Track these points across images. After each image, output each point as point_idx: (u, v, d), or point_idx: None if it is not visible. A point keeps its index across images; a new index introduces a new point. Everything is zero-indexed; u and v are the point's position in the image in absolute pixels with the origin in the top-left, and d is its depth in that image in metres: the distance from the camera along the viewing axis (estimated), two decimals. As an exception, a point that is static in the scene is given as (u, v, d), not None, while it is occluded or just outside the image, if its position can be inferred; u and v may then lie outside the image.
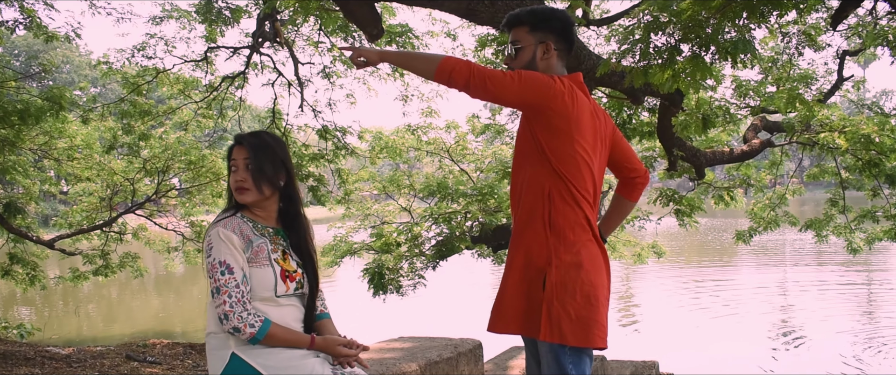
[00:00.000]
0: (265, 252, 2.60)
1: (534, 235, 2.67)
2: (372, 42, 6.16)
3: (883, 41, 9.16)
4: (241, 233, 2.58)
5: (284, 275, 2.61)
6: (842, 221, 11.24)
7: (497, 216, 9.58)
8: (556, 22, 2.83)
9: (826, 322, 14.14)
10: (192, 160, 12.44)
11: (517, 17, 2.85)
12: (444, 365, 3.12)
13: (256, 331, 2.50)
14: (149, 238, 13.54)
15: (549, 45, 2.80)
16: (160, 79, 11.69)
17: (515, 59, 2.84)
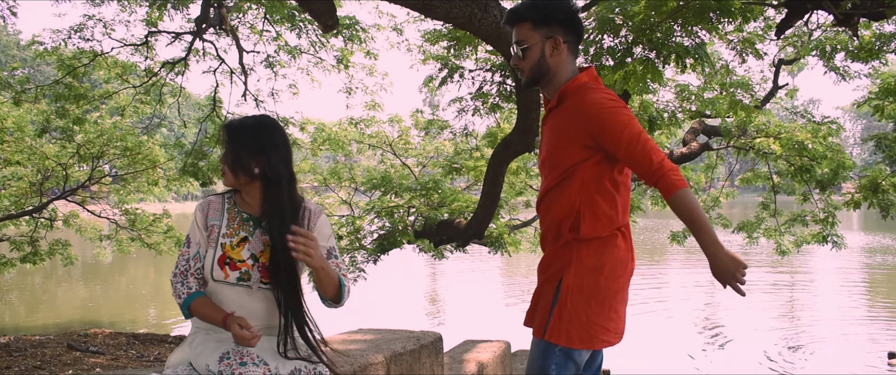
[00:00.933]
0: (216, 233, 2.59)
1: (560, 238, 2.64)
2: (326, 32, 6.10)
3: (818, 52, 9.51)
4: (207, 211, 2.63)
5: (223, 261, 2.55)
6: (772, 224, 11.61)
7: (440, 211, 9.60)
8: (560, 12, 2.61)
9: (751, 322, 14.56)
10: (128, 146, 12.16)
11: (518, 13, 2.64)
12: (408, 357, 3.14)
13: (182, 303, 2.60)
14: (80, 225, 13.19)
15: (557, 39, 2.59)
16: (97, 63, 11.36)
17: (523, 60, 2.64)
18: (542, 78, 2.64)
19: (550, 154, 2.67)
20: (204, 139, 12.33)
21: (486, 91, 8.48)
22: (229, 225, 2.60)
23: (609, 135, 2.48)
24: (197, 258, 2.62)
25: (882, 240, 28.99)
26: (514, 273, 22.90)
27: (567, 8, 2.62)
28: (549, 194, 2.67)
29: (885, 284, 20.16)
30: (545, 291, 2.65)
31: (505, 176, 8.51)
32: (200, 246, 2.62)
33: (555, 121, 2.64)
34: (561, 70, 2.62)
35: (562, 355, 2.55)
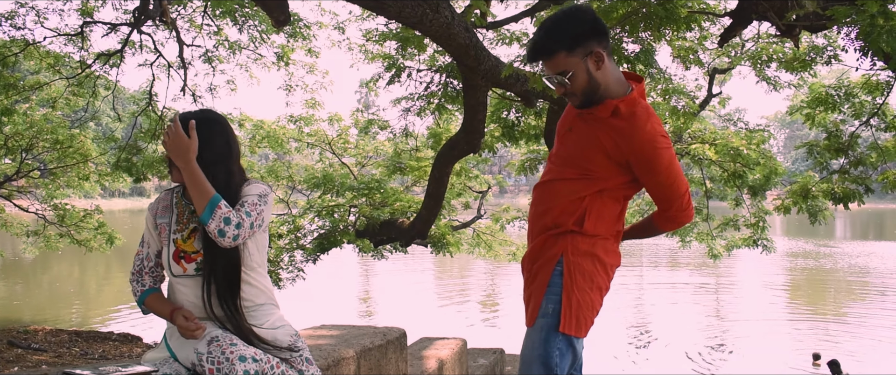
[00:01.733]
0: (166, 231, 2.61)
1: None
2: (279, 28, 6.06)
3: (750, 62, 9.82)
4: (156, 211, 2.65)
5: (178, 256, 2.56)
6: (704, 229, 11.92)
7: (383, 210, 9.60)
8: (586, 25, 2.52)
9: (676, 322, 14.95)
10: (59, 139, 11.82)
11: (546, 48, 2.55)
12: (376, 352, 3.17)
13: (137, 299, 2.66)
14: (5, 220, 12.76)
15: (597, 52, 2.50)
16: (28, 53, 11.01)
17: (572, 86, 2.55)
18: (595, 94, 2.55)
19: (576, 154, 2.62)
20: (138, 134, 12.05)
21: (432, 91, 8.52)
22: (178, 220, 2.60)
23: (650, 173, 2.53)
24: (149, 257, 2.67)
25: (804, 245, 30.08)
26: (447, 273, 23.03)
27: (591, 19, 2.54)
28: (558, 183, 2.64)
29: (807, 287, 20.91)
30: (538, 281, 2.60)
31: (450, 176, 8.56)
32: (150, 246, 2.66)
33: (596, 127, 2.58)
34: (609, 79, 2.54)
35: (564, 342, 2.53)
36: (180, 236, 2.58)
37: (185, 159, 2.46)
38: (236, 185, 2.59)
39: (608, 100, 2.54)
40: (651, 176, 2.52)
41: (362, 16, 11.08)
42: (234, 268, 2.53)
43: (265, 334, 2.54)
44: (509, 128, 9.24)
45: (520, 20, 9.68)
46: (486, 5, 7.61)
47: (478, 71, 6.91)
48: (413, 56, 8.30)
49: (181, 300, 2.57)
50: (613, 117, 2.52)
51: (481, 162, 12.55)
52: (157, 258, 2.67)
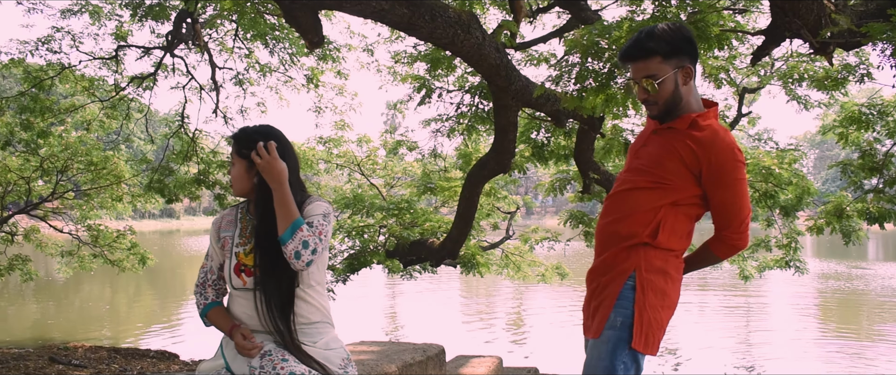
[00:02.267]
0: (229, 244, 2.68)
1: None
2: (312, 49, 6.13)
3: (780, 81, 9.77)
4: (220, 224, 2.75)
5: (238, 269, 2.63)
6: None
7: (413, 230, 9.63)
8: (687, 42, 2.61)
9: (706, 343, 14.79)
10: (93, 161, 12.00)
11: (646, 47, 2.60)
12: (417, 368, 3.21)
13: (200, 312, 2.78)
14: (41, 240, 12.93)
15: (689, 69, 2.60)
16: (64, 76, 11.23)
17: (657, 93, 2.60)
18: (675, 108, 2.62)
19: (652, 163, 2.64)
20: (170, 155, 12.22)
21: (462, 112, 8.56)
22: (242, 234, 2.68)
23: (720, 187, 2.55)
24: (212, 270, 2.77)
25: (836, 267, 29.66)
26: (473, 293, 22.97)
27: (690, 37, 2.62)
28: (633, 192, 2.65)
29: (839, 309, 20.60)
30: (608, 293, 2.59)
31: (480, 196, 8.57)
32: (213, 259, 2.76)
33: (675, 139, 2.61)
34: (690, 97, 2.62)
35: (631, 357, 2.52)
36: (242, 250, 2.64)
37: (279, 181, 2.51)
38: (298, 202, 2.63)
39: (686, 113, 2.61)
40: (720, 189, 2.55)
41: (391, 38, 11.20)
42: (289, 284, 2.58)
43: (317, 353, 2.57)
44: (539, 148, 9.25)
45: (548, 41, 9.74)
46: (516, 26, 7.65)
47: (509, 91, 6.95)
48: (442, 76, 8.36)
49: (239, 312, 2.64)
50: (691, 128, 2.59)
51: (510, 183, 12.56)
52: (220, 271, 2.75)
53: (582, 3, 8.51)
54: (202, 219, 79.56)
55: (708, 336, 15.39)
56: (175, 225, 75.42)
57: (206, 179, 11.95)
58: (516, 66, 9.84)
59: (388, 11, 5.82)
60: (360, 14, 5.88)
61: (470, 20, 6.28)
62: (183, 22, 10.17)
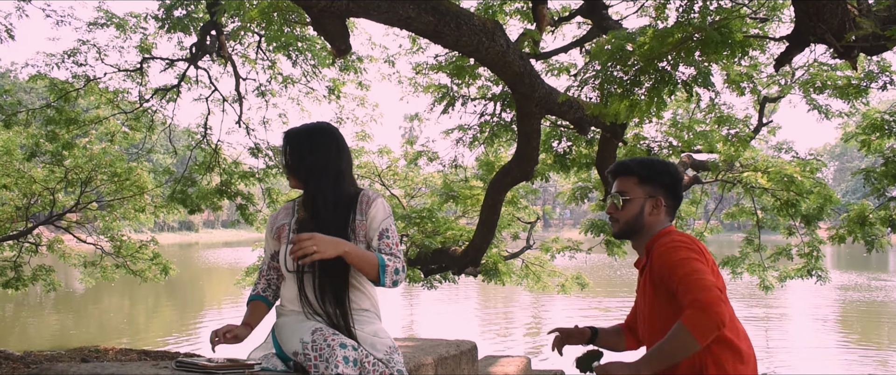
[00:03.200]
0: (287, 230, 2.85)
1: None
2: (339, 57, 6.22)
3: (801, 89, 9.77)
4: (276, 216, 2.93)
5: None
6: (756, 259, 11.79)
7: (434, 239, 9.68)
8: (667, 177, 2.66)
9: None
10: (117, 172, 12.12)
11: (626, 166, 2.69)
12: (451, 361, 3.26)
13: (249, 296, 2.98)
14: (64, 251, 13.07)
15: (659, 200, 2.64)
16: (88, 88, 11.38)
17: (621, 211, 2.65)
18: (636, 233, 2.67)
19: (651, 315, 2.60)
20: (193, 166, 12.34)
21: (486, 120, 8.62)
22: (298, 221, 2.83)
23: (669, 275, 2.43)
24: (266, 260, 2.96)
25: (856, 278, 29.45)
26: (491, 303, 22.96)
27: (674, 174, 2.68)
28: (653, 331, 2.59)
29: (860, 319, 20.47)
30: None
31: (502, 204, 8.62)
32: (267, 250, 2.95)
33: (647, 277, 2.62)
34: (654, 227, 2.65)
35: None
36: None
37: (338, 250, 2.57)
38: (351, 196, 2.79)
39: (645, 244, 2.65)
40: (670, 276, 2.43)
41: (412, 49, 11.28)
42: (344, 270, 2.70)
43: (364, 339, 2.65)
44: (560, 156, 9.30)
45: (568, 51, 9.80)
46: (538, 34, 7.73)
47: (532, 98, 7.00)
48: (465, 85, 8.43)
49: (292, 295, 2.77)
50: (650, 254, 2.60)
51: (530, 192, 12.61)
52: (272, 260, 2.92)
53: (603, 13, 8.58)
54: (221, 232, 79.82)
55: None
56: (194, 238, 75.81)
57: (228, 190, 12.06)
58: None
59: (415, 19, 5.89)
60: (386, 22, 5.96)
61: (494, 28, 6.34)
62: (208, 34, 10.30)
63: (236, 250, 48.78)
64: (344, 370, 2.42)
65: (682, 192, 2.72)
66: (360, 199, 2.79)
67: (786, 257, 11.30)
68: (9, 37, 9.51)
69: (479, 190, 10.66)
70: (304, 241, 2.48)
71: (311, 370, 2.48)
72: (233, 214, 12.65)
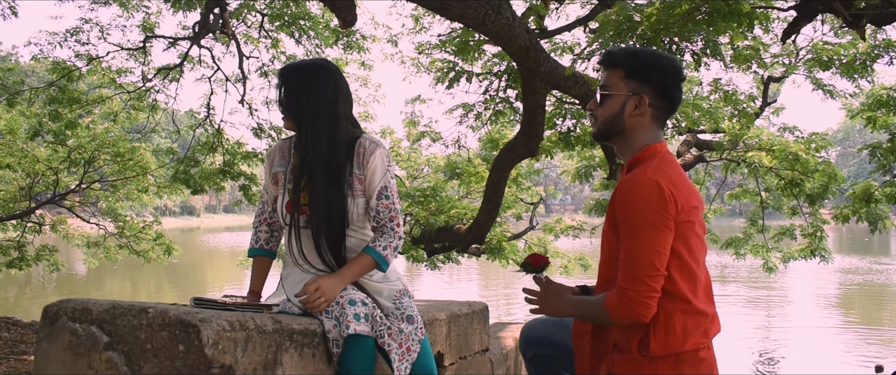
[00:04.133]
0: (282, 179, 2.67)
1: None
2: (344, 28, 6.20)
3: (806, 68, 9.76)
4: (274, 158, 2.73)
5: (292, 206, 2.61)
6: (759, 241, 11.79)
7: (439, 217, 9.66)
8: (658, 73, 2.28)
9: (728, 333, 14.79)
10: (120, 152, 12.10)
11: (613, 56, 2.34)
12: (463, 320, 3.26)
13: (248, 251, 2.82)
14: (67, 231, 13.06)
15: (643, 98, 2.27)
16: (91, 67, 11.34)
17: (600, 107, 2.34)
18: (616, 135, 2.35)
19: (604, 244, 2.35)
20: (196, 147, 12.31)
21: (490, 96, 8.60)
22: (293, 170, 2.64)
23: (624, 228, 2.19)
24: (267, 203, 2.77)
25: (858, 263, 29.49)
26: (491, 285, 23.01)
27: (668, 69, 2.30)
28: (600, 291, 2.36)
29: (862, 300, 20.54)
30: None
31: (507, 180, 8.60)
32: (268, 192, 2.76)
33: (610, 207, 2.31)
34: (638, 133, 2.32)
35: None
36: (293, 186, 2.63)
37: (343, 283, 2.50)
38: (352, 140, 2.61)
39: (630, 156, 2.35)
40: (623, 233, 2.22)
41: (415, 29, 11.25)
42: (340, 221, 2.58)
43: (371, 287, 2.63)
44: (565, 134, 9.29)
45: (572, 30, 9.76)
46: (544, 8, 7.70)
47: (538, 72, 6.97)
48: (470, 61, 8.40)
49: (293, 248, 2.65)
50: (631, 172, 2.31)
51: (533, 173, 12.59)
52: (274, 204, 2.73)
53: (609, -11, 8.55)
54: (222, 217, 79.79)
55: (731, 328, 15.39)
56: (195, 223, 75.83)
57: (230, 170, 12.03)
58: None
59: (421, -9, 5.88)
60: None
61: (500, 1, 6.32)
62: (211, 11, 10.25)
63: (238, 234, 48.90)
64: (357, 328, 2.35)
65: (679, 95, 2.34)
66: (357, 149, 2.59)
67: (789, 237, 11.29)
68: (12, 14, 9.47)
69: (483, 168, 10.64)
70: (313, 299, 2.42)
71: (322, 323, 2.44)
72: (235, 198, 12.61)
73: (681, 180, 2.23)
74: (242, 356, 1.92)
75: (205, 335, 1.83)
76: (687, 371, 2.18)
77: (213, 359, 1.83)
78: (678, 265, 2.17)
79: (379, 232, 2.64)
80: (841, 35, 9.99)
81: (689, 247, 2.19)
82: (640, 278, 2.12)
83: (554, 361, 2.59)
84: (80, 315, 1.92)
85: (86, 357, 1.86)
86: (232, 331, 1.90)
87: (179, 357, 1.82)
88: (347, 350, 2.37)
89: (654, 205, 2.12)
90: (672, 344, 2.17)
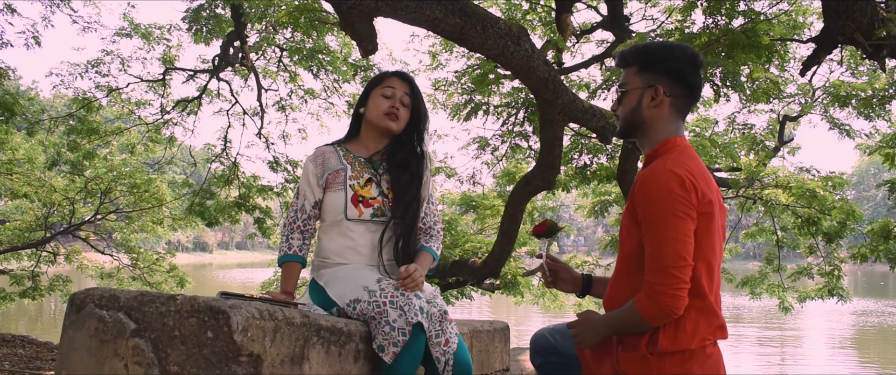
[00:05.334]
0: (342, 177, 2.81)
1: None
2: (365, 57, 6.24)
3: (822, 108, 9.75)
4: (322, 162, 2.86)
5: (356, 200, 2.77)
6: (775, 280, 11.68)
7: (453, 251, 9.62)
8: (669, 62, 2.29)
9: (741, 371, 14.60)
10: (136, 183, 12.16)
11: (626, 56, 2.38)
12: (485, 337, 3.25)
13: (281, 256, 2.89)
14: (82, 262, 13.08)
15: (658, 89, 2.28)
16: (111, 98, 11.47)
17: (620, 105, 2.37)
18: (636, 130, 2.36)
19: (622, 243, 2.35)
20: (212, 179, 12.37)
21: (507, 129, 8.62)
22: (354, 168, 2.83)
23: (646, 222, 2.17)
24: (303, 209, 2.86)
25: (873, 305, 29.12)
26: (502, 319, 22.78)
27: (680, 58, 2.31)
28: (617, 286, 2.37)
29: (876, 342, 20.26)
30: None
31: (523, 214, 8.58)
32: (307, 198, 2.86)
33: (630, 202, 2.30)
34: (657, 126, 2.32)
35: None
36: (357, 183, 2.79)
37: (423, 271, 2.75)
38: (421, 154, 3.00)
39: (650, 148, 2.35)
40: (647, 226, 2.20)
41: (432, 65, 11.33)
42: (414, 221, 2.82)
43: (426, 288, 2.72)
44: (582, 169, 9.28)
45: (588, 67, 9.82)
46: (563, 41, 7.75)
47: (556, 105, 7.00)
48: (487, 94, 8.44)
49: (350, 244, 2.76)
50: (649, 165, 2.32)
51: (548, 211, 12.56)
52: (313, 209, 2.86)
53: (625, 26, 8.61)
54: (235, 254, 79.81)
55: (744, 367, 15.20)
56: (208, 259, 75.78)
57: (246, 203, 12.07)
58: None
59: (441, 21, 5.91)
60: (413, 22, 5.98)
61: (520, 33, 6.36)
62: (231, 45, 10.38)
63: (250, 271, 48.96)
64: (421, 318, 2.47)
65: (697, 81, 2.33)
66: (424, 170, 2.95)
67: (806, 276, 11.18)
68: (36, 43, 9.61)
69: (499, 202, 10.63)
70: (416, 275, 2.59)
71: (373, 316, 2.48)
72: (249, 233, 12.63)
73: (700, 172, 2.20)
74: (271, 346, 1.91)
75: (234, 321, 1.81)
76: (695, 369, 2.16)
77: (242, 346, 1.81)
78: (698, 256, 2.15)
79: (428, 234, 2.91)
80: (858, 75, 10.02)
81: (709, 241, 2.17)
82: (666, 270, 2.09)
83: (561, 368, 2.62)
84: (107, 302, 1.91)
85: (112, 344, 1.85)
86: (262, 320, 1.89)
87: (207, 344, 1.81)
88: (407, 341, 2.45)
89: (676, 195, 2.11)
90: (682, 341, 2.16)
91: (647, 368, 2.18)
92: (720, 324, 2.23)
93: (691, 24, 6.51)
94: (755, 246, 12.73)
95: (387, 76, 2.94)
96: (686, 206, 2.11)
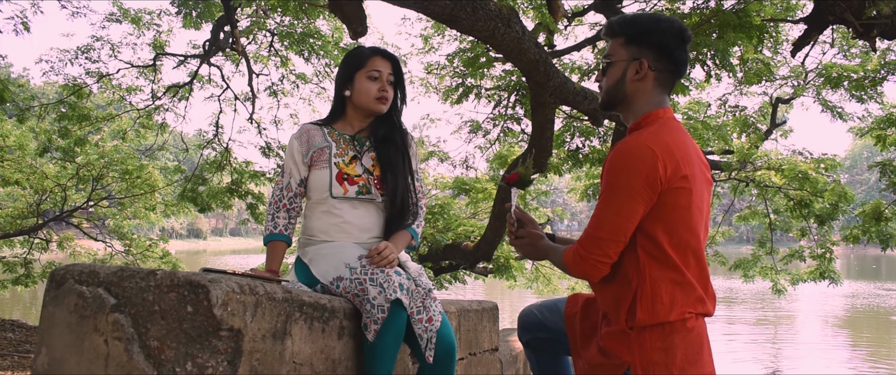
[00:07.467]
0: (327, 155, 2.80)
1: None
2: (355, 39, 6.21)
3: (815, 90, 9.75)
4: (307, 140, 2.83)
5: (341, 177, 2.76)
6: (768, 263, 11.72)
7: (446, 235, 9.62)
8: (656, 35, 2.24)
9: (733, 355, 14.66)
10: (128, 169, 12.11)
11: (612, 26, 2.32)
12: (473, 316, 3.24)
13: (266, 235, 2.88)
14: (74, 248, 13.04)
15: (643, 63, 2.24)
16: (101, 84, 11.41)
17: (604, 76, 2.34)
18: (619, 103, 2.32)
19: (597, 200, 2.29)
20: (204, 165, 12.33)
21: (499, 112, 8.60)
22: (338, 146, 2.82)
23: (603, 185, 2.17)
24: (289, 187, 2.85)
25: (865, 287, 29.26)
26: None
27: (668, 32, 2.25)
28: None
29: (869, 324, 20.36)
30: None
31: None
32: (292, 175, 2.84)
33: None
34: (640, 99, 2.29)
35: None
36: (342, 160, 2.78)
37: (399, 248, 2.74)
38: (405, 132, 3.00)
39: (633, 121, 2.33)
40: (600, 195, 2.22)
41: (424, 49, 11.30)
42: (405, 197, 2.82)
43: (411, 266, 2.69)
44: (574, 152, 9.27)
45: (580, 50, 9.79)
46: (554, 24, 7.72)
47: (547, 87, 6.98)
48: (479, 77, 8.42)
49: (335, 221, 2.76)
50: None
51: (541, 194, 12.55)
52: (299, 186, 2.85)
53: (617, 8, 8.58)
54: (228, 240, 79.75)
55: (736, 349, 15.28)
56: (202, 246, 75.65)
57: (238, 189, 12.03)
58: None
59: (431, 2, 5.88)
60: (403, 4, 5.95)
61: (510, 14, 6.33)
62: (221, 29, 10.32)
63: (244, 257, 49.01)
64: (400, 295, 2.45)
65: (683, 56, 2.27)
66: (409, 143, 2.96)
67: (798, 259, 11.22)
68: (25, 29, 9.54)
69: (491, 185, 10.62)
70: (387, 253, 2.58)
71: (356, 293, 2.49)
72: (242, 219, 12.63)
73: (679, 147, 2.16)
74: (252, 321, 1.89)
75: (214, 295, 1.80)
76: (677, 342, 2.14)
77: (222, 321, 1.80)
78: (665, 230, 2.14)
79: (413, 211, 2.90)
80: (850, 57, 10.03)
81: (681, 216, 2.14)
82: (598, 241, 2.14)
83: (549, 344, 2.66)
84: (87, 278, 1.90)
85: (91, 320, 1.84)
86: (242, 294, 1.87)
87: (187, 319, 1.80)
88: (387, 318, 2.44)
89: (639, 172, 2.09)
90: (659, 313, 2.13)
91: (628, 343, 2.17)
92: (698, 297, 2.19)
93: (682, 3, 6.49)
94: (748, 229, 12.76)
95: (369, 56, 2.88)
96: (644, 187, 2.09)
